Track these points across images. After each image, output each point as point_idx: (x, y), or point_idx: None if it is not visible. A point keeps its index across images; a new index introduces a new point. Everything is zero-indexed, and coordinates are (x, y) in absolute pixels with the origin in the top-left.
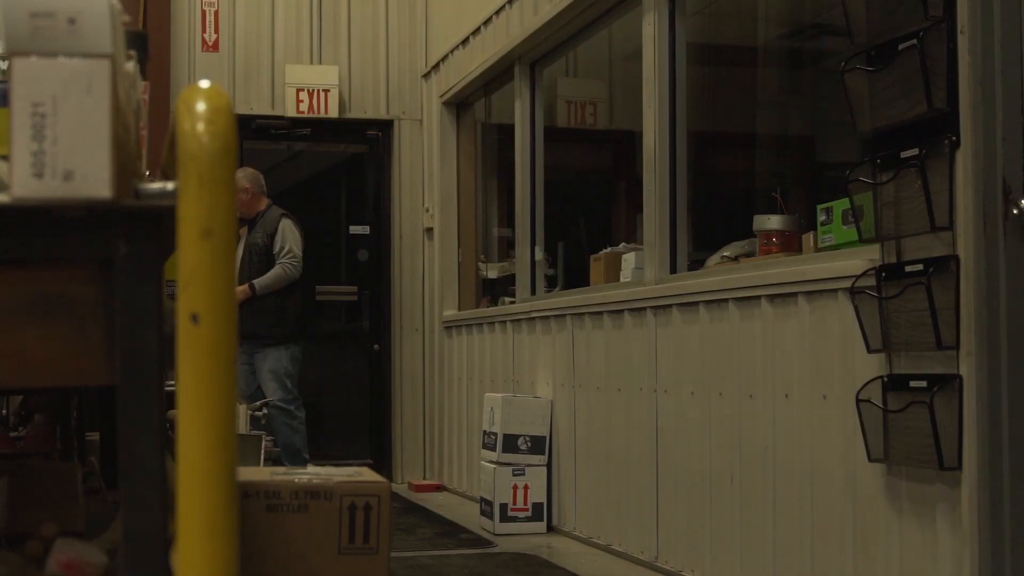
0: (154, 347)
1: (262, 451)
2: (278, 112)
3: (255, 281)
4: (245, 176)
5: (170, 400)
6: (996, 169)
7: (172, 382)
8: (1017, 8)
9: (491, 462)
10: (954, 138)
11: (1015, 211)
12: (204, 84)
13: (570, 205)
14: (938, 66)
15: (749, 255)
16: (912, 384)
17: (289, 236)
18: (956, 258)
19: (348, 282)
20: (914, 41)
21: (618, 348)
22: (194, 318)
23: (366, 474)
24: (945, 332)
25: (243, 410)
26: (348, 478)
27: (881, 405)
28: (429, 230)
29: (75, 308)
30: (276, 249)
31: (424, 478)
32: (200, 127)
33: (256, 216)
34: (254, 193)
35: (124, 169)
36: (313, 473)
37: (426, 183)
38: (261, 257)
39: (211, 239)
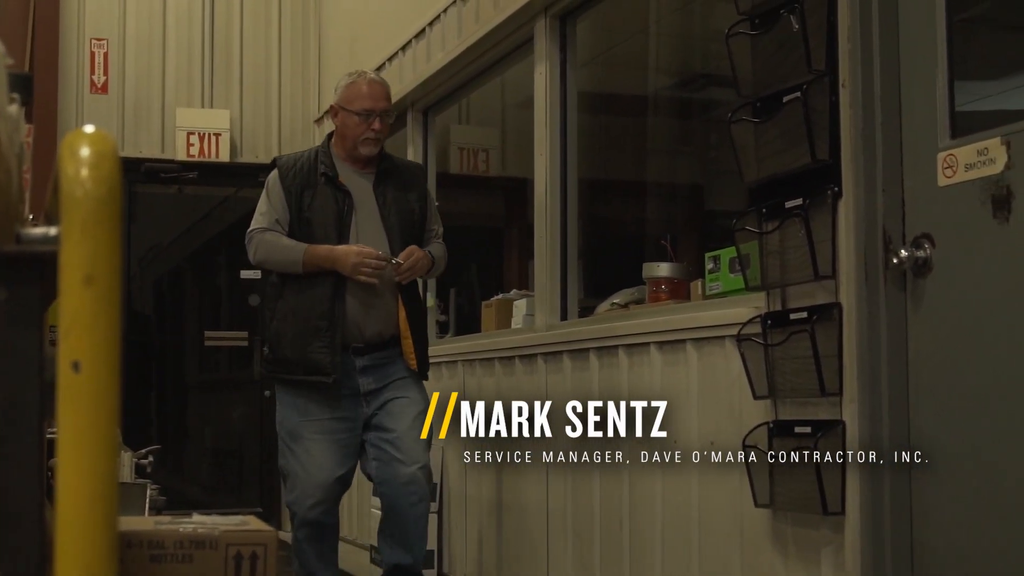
0: (35, 394)
1: (147, 500)
2: (168, 155)
3: (432, 249)
4: (383, 84)
5: (51, 448)
6: (877, 219)
7: (53, 430)
8: (895, 63)
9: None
10: (836, 189)
11: (895, 260)
12: (89, 128)
13: (462, 251)
14: (821, 118)
15: (639, 302)
16: (797, 430)
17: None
18: (839, 306)
19: (238, 327)
20: (798, 94)
21: (509, 394)
22: (75, 366)
23: (253, 522)
24: (828, 379)
25: (127, 457)
26: (234, 527)
27: (767, 451)
28: None
29: None
30: (430, 224)
31: None
32: (84, 172)
33: (383, 160)
34: None
35: (6, 214)
36: (199, 522)
37: None
38: (415, 226)
39: (94, 286)
